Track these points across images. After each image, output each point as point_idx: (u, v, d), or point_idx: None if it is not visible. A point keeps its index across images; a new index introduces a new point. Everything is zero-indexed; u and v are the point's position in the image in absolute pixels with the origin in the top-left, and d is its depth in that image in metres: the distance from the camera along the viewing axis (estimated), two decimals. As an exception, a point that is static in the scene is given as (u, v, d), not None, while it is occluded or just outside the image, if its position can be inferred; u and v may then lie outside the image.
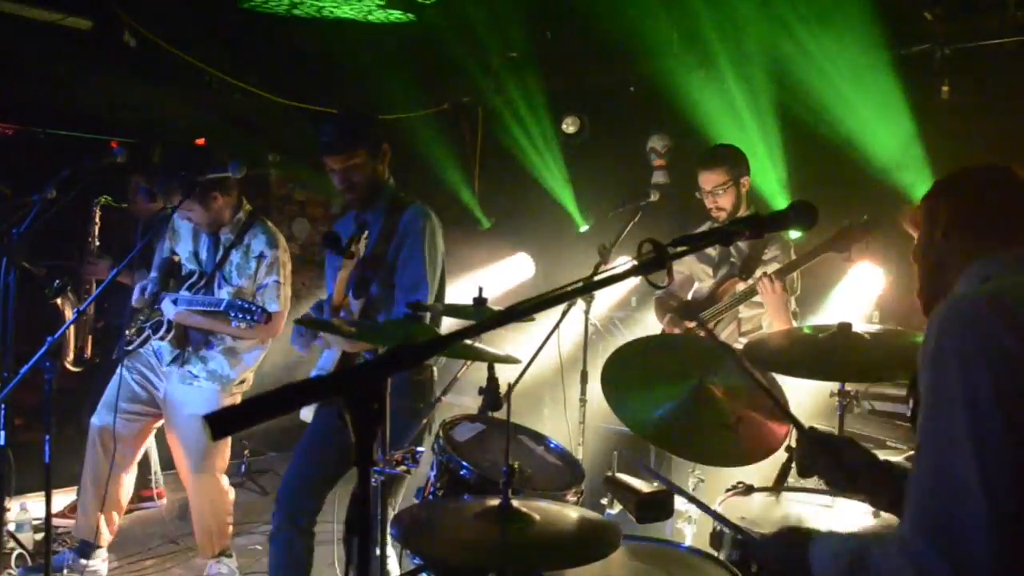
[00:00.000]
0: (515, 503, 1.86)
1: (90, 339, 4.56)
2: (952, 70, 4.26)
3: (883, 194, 4.14)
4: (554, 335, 2.97)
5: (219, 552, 3.74)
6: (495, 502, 1.88)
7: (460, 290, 3.35)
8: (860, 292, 3.96)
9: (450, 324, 3.01)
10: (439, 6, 5.19)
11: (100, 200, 4.43)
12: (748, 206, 3.61)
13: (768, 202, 4.57)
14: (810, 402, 3.47)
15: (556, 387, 3.41)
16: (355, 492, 1.20)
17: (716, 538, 2.11)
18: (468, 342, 2.23)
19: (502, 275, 6.16)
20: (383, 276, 2.97)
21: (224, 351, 3.61)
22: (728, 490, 2.41)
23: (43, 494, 3.00)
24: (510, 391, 2.24)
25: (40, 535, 3.68)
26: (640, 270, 1.29)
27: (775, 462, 2.44)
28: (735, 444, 2.30)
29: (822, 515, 2.30)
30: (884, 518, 2.21)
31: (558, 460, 2.56)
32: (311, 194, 6.97)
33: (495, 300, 2.45)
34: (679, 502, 2.57)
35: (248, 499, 4.91)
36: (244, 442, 5.42)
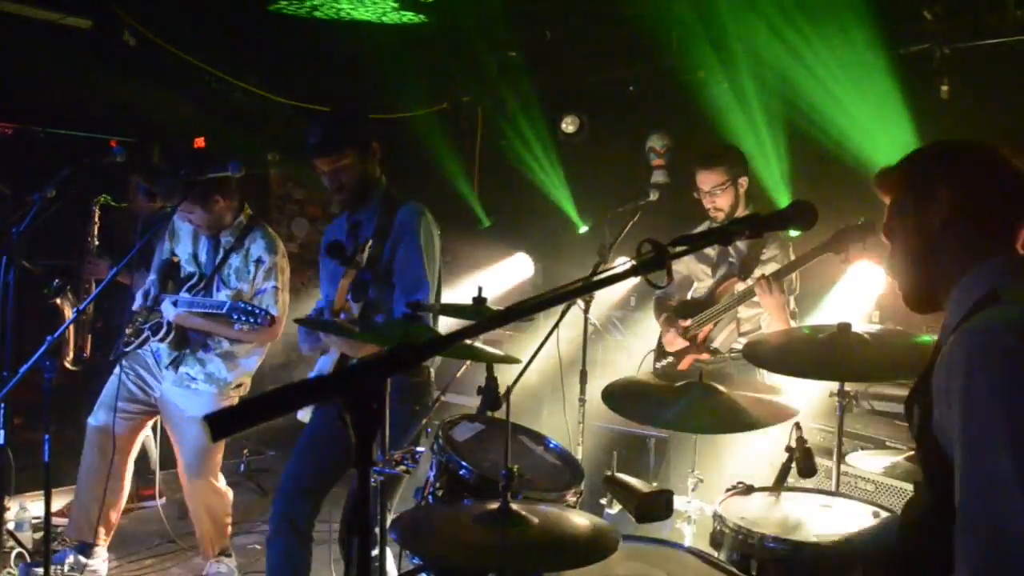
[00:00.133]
0: (514, 507, 1.87)
1: (89, 339, 4.55)
2: (951, 70, 4.26)
3: (883, 194, 4.13)
4: (553, 335, 2.97)
5: (218, 552, 3.74)
6: (495, 506, 1.89)
7: (460, 290, 3.35)
8: (860, 292, 3.95)
9: (450, 324, 3.01)
10: (439, 6, 5.18)
11: (99, 199, 4.41)
12: (746, 206, 3.61)
13: (769, 195, 4.57)
14: (810, 402, 3.46)
15: (555, 387, 3.40)
16: (354, 492, 1.20)
17: (716, 538, 2.11)
18: (468, 342, 2.23)
19: (502, 275, 6.16)
20: (380, 277, 2.94)
21: (222, 355, 3.60)
22: (728, 490, 2.41)
23: (42, 493, 3.00)
24: (509, 391, 2.24)
25: (39, 534, 3.68)
26: (639, 270, 1.29)
27: (775, 462, 2.44)
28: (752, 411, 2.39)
29: (822, 515, 2.30)
30: (884, 518, 2.21)
31: (557, 460, 2.56)
32: (310, 193, 6.98)
33: (495, 300, 2.45)
34: (679, 502, 2.58)
35: (247, 498, 4.90)
36: (243, 441, 5.42)
